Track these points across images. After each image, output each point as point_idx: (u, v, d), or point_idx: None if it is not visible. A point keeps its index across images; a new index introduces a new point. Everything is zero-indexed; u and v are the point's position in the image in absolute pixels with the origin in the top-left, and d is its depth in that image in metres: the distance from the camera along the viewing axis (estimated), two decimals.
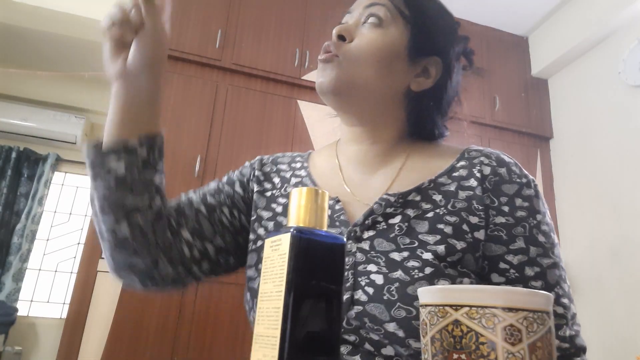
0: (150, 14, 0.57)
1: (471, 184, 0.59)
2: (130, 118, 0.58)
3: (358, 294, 0.54)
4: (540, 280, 0.56)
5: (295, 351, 0.32)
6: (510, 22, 2.99)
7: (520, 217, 0.57)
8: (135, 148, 0.57)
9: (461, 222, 0.56)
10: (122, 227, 0.57)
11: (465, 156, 0.63)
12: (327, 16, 2.59)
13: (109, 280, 1.95)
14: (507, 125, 2.84)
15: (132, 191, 0.57)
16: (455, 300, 0.33)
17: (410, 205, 0.58)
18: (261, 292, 0.36)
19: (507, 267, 0.56)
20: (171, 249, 0.62)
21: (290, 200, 0.37)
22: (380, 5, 0.64)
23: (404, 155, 0.66)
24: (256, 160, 0.74)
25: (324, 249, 0.35)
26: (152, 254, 0.60)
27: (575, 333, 0.55)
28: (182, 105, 2.24)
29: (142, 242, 0.59)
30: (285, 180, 0.69)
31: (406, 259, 0.54)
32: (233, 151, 2.25)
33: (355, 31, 0.63)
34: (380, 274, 0.54)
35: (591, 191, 2.60)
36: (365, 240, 0.57)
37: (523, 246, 0.56)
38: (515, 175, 0.60)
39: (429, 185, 0.60)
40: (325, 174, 0.68)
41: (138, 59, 0.57)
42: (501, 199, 0.58)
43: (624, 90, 2.47)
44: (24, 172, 3.22)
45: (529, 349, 0.31)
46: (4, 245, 3.03)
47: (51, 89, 3.34)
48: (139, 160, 0.57)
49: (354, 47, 0.62)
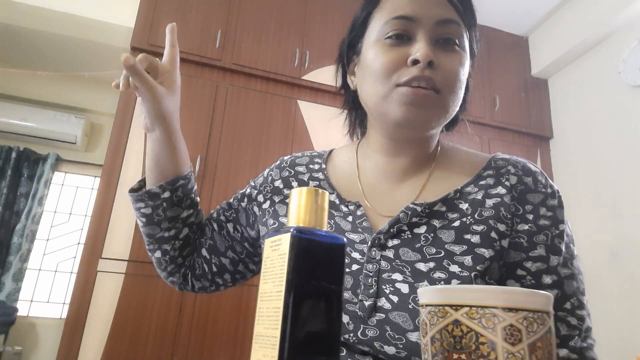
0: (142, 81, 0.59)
1: (499, 192, 0.58)
2: (155, 166, 0.67)
3: (381, 302, 0.53)
4: (557, 289, 0.55)
5: (295, 351, 0.32)
6: (510, 22, 2.99)
7: (543, 225, 0.57)
8: (158, 193, 0.67)
9: (489, 230, 0.55)
10: (156, 253, 0.71)
11: (492, 165, 0.62)
12: (327, 16, 2.59)
13: (109, 280, 1.95)
14: (507, 125, 2.84)
15: (159, 226, 0.68)
16: (455, 300, 0.33)
17: (436, 216, 0.58)
18: (261, 292, 0.36)
19: (525, 273, 0.56)
20: (195, 268, 0.74)
21: (290, 200, 0.37)
22: (456, 25, 0.58)
23: (430, 165, 0.64)
24: (273, 167, 0.74)
25: (324, 249, 0.35)
26: (182, 273, 0.73)
27: (588, 346, 0.55)
28: (182, 105, 2.22)
29: (172, 265, 0.72)
30: (303, 184, 0.69)
31: (432, 269, 0.53)
32: (233, 151, 2.25)
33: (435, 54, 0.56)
34: (406, 284, 0.53)
35: (591, 191, 2.59)
36: (389, 248, 0.57)
37: (543, 254, 0.56)
38: (541, 185, 0.59)
39: (455, 195, 0.59)
40: (344, 178, 0.67)
41: (147, 116, 0.64)
42: (526, 207, 0.57)
43: (624, 90, 2.47)
44: (24, 172, 3.22)
45: (529, 349, 0.30)
46: (4, 245, 3.03)
47: (51, 89, 3.34)
48: (162, 202, 0.67)
49: (449, 79, 0.56)
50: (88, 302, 1.90)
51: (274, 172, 0.73)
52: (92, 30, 2.64)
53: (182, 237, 0.70)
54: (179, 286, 0.75)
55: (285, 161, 0.74)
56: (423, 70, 0.55)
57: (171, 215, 0.68)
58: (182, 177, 0.68)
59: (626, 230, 2.35)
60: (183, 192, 0.68)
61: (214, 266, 0.73)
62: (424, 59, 0.54)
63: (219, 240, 0.73)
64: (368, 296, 0.54)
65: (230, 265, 0.73)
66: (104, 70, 3.07)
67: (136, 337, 1.90)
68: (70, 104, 3.34)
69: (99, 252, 1.97)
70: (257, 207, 0.71)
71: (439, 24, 0.57)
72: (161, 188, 0.66)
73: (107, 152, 2.09)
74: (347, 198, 0.63)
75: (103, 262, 1.96)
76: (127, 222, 2.02)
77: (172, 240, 0.70)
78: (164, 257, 0.71)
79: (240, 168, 2.23)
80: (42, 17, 2.57)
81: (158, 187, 0.66)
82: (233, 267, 0.74)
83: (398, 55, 0.57)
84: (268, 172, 0.74)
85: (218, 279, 0.74)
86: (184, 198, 0.69)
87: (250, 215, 0.72)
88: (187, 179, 0.69)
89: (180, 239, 0.70)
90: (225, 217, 0.74)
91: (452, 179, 0.62)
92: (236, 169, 2.22)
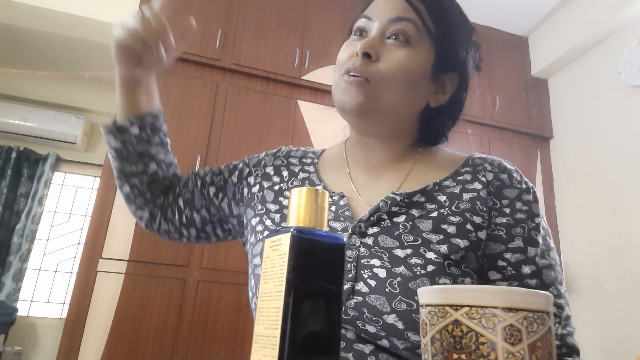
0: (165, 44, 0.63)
1: (475, 187, 0.61)
2: (127, 103, 0.69)
3: (359, 285, 0.55)
4: (536, 279, 0.57)
5: (295, 351, 0.32)
6: (510, 22, 2.99)
7: (520, 218, 0.59)
8: (126, 126, 0.69)
9: (465, 222, 0.58)
10: (124, 187, 0.74)
11: (470, 163, 0.65)
12: (327, 16, 2.59)
13: (109, 280, 1.95)
14: (507, 125, 2.84)
15: (127, 160, 0.71)
16: (455, 300, 0.33)
17: (415, 206, 0.60)
18: (261, 292, 0.36)
19: (505, 264, 0.58)
20: (167, 210, 0.76)
21: (290, 200, 0.37)
22: (409, 22, 0.60)
23: (411, 161, 0.67)
24: (270, 153, 0.77)
25: (323, 249, 0.35)
26: (150, 209, 0.76)
27: (568, 333, 0.57)
28: (182, 105, 2.24)
29: (140, 199, 0.75)
30: (293, 174, 0.71)
31: (409, 255, 0.56)
32: (233, 151, 2.25)
33: (381, 47, 0.60)
34: (384, 269, 0.55)
35: (591, 191, 2.60)
36: (369, 236, 0.59)
37: (521, 245, 0.58)
38: (516, 181, 0.62)
39: (434, 188, 0.62)
40: (332, 172, 0.70)
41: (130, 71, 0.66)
42: (503, 202, 0.60)
43: (624, 90, 2.47)
44: (24, 172, 3.22)
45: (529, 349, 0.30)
46: (4, 245, 3.03)
47: (51, 89, 3.34)
48: (132, 136, 0.69)
49: (384, 70, 0.59)
50: (88, 302, 1.90)
51: (267, 158, 0.76)
52: (92, 30, 2.64)
53: (150, 173, 0.73)
54: (146, 222, 0.77)
55: (282, 151, 0.77)
56: (357, 61, 0.59)
57: (139, 150, 0.71)
58: (151, 115, 0.71)
59: (626, 230, 2.35)
60: (152, 129, 0.71)
61: (184, 218, 0.75)
62: (359, 50, 0.59)
63: (198, 196, 0.75)
64: (347, 280, 0.56)
65: (200, 223, 0.76)
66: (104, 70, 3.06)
67: (136, 337, 1.90)
68: (70, 104, 3.34)
69: (99, 252, 1.97)
70: (246, 188, 0.74)
71: (391, 21, 0.61)
72: (129, 122, 0.69)
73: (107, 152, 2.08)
74: (332, 189, 0.66)
75: (103, 262, 1.96)
76: (127, 222, 2.02)
77: (140, 175, 0.72)
78: (132, 191, 0.74)
79: None
80: (42, 17, 2.57)
81: (127, 120, 0.69)
82: (201, 226, 0.76)
83: (351, 50, 0.62)
84: (263, 156, 0.77)
85: (183, 230, 0.77)
86: (152, 135, 0.72)
87: (237, 193, 0.75)
88: (155, 117, 0.72)
89: (149, 174, 0.73)
90: (211, 179, 0.77)
91: (431, 174, 0.64)
92: None
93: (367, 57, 0.59)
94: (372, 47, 0.59)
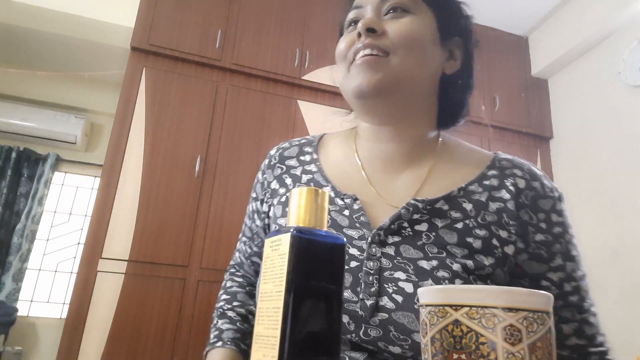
0: None
1: (502, 196, 0.58)
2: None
3: (384, 301, 0.51)
4: (577, 294, 0.58)
5: (295, 351, 0.32)
6: (510, 22, 2.98)
7: (557, 233, 0.58)
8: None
9: (491, 237, 0.55)
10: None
11: (496, 165, 0.62)
12: (327, 16, 2.59)
13: (109, 280, 1.95)
14: (507, 125, 2.83)
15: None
16: (455, 300, 0.33)
17: (438, 214, 0.57)
18: (261, 292, 0.36)
19: (548, 284, 0.57)
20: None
21: (290, 200, 0.37)
22: None
23: (430, 156, 0.63)
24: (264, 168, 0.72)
25: (324, 249, 0.35)
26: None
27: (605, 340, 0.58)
28: (182, 105, 2.24)
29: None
30: (296, 179, 0.66)
31: (435, 268, 0.52)
32: (233, 151, 2.25)
33: (382, 23, 0.58)
34: (410, 282, 0.52)
35: (591, 191, 2.59)
36: (390, 245, 0.55)
37: (561, 263, 0.58)
38: (548, 189, 0.59)
39: (459, 194, 0.58)
40: (339, 170, 0.65)
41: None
42: (539, 215, 0.58)
43: (624, 90, 2.47)
44: (24, 172, 3.21)
45: (529, 349, 0.30)
46: (4, 245, 3.03)
47: (51, 89, 3.34)
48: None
49: (395, 38, 0.57)
50: (88, 302, 1.90)
51: (267, 174, 0.70)
52: (92, 30, 2.64)
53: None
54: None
55: (274, 157, 0.71)
56: (364, 39, 0.57)
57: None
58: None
59: (626, 230, 2.34)
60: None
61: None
62: (362, 27, 0.57)
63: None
64: (369, 295, 0.51)
65: None
66: (104, 70, 3.07)
67: (136, 337, 1.90)
68: (70, 104, 3.34)
69: (99, 252, 1.97)
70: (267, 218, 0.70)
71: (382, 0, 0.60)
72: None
73: (107, 152, 2.08)
74: (342, 190, 0.61)
75: (103, 262, 1.96)
76: (127, 222, 2.02)
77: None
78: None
79: (240, 168, 2.23)
80: (42, 17, 2.57)
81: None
82: None
83: (350, 37, 0.60)
84: (262, 176, 0.72)
85: None
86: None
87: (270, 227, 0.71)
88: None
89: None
90: (257, 247, 0.73)
91: (455, 175, 0.60)
92: (236, 169, 2.22)
93: (372, 32, 0.57)
94: (374, 22, 0.58)
